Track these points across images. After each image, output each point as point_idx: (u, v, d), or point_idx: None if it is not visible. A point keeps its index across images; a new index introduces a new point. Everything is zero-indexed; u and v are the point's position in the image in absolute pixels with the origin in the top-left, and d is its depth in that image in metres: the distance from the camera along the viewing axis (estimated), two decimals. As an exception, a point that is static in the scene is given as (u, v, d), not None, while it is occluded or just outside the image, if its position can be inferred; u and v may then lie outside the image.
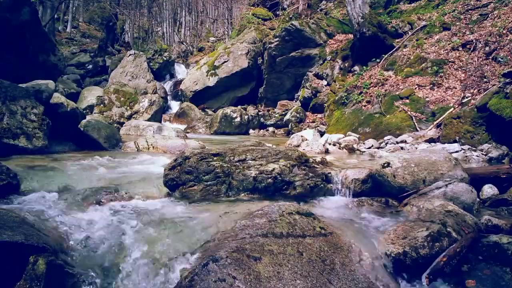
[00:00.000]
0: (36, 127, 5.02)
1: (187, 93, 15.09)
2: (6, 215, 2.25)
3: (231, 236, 2.30)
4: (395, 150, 6.31)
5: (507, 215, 3.18)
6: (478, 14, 10.08)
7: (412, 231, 2.56)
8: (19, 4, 8.21)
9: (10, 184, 3.16)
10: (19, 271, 1.88)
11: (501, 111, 5.79)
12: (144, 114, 12.14)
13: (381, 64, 10.27)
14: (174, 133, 8.29)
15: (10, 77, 5.61)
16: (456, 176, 3.43)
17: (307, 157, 3.98)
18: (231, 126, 11.77)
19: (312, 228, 2.43)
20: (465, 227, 2.65)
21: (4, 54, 8.00)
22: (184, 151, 3.79)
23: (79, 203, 3.07)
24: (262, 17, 19.28)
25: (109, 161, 4.81)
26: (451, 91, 8.09)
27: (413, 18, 11.94)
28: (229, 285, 1.86)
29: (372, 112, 8.67)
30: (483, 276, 2.24)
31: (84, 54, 20.62)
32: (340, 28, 13.96)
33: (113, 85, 13.04)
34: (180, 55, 23.66)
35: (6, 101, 4.88)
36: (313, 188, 3.57)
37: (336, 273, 2.10)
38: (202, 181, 3.45)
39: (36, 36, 8.89)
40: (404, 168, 3.51)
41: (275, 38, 13.61)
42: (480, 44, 8.69)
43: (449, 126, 6.77)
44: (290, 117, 11.89)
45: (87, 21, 30.89)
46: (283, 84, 14.05)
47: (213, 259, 1.98)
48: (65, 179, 3.68)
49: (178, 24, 30.07)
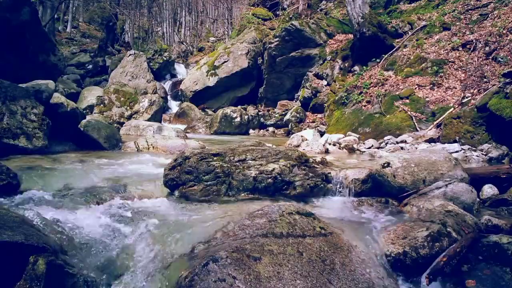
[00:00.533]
0: (36, 127, 5.02)
1: (187, 93, 15.09)
2: (6, 215, 2.25)
3: (231, 236, 2.30)
4: (395, 150, 6.31)
5: (507, 215, 3.18)
6: (478, 14, 10.08)
7: (412, 231, 2.56)
8: (19, 4, 8.21)
9: (10, 184, 3.16)
10: (19, 271, 1.88)
11: (501, 111, 5.80)
12: (144, 114, 12.15)
13: (381, 64, 10.26)
14: (174, 133, 8.29)
15: (10, 77, 5.60)
16: (456, 176, 3.43)
17: (307, 157, 3.98)
18: (231, 126, 11.77)
19: (312, 228, 2.43)
20: (465, 227, 2.65)
21: (4, 54, 8.00)
22: (184, 151, 3.79)
23: (79, 203, 3.08)
24: (262, 17, 19.27)
25: (109, 161, 4.81)
26: (451, 91, 8.10)
27: (413, 18, 11.94)
28: (229, 285, 1.85)
29: (372, 112, 8.67)
30: (483, 276, 2.24)
31: (84, 54, 20.61)
32: (340, 28, 13.96)
33: (113, 85, 13.04)
34: (180, 55, 23.66)
35: (6, 101, 4.88)
36: (313, 188, 3.57)
37: (336, 273, 2.10)
38: (202, 181, 3.45)
39: (36, 36, 8.89)
40: (404, 168, 3.51)
41: (275, 38, 13.60)
42: (480, 44, 8.69)
43: (449, 126, 6.77)
44: (290, 117, 11.89)
45: (87, 21, 30.88)
46: (283, 84, 14.05)
47: (213, 259, 1.98)
48: (65, 179, 3.68)
49: (178, 24, 30.07)
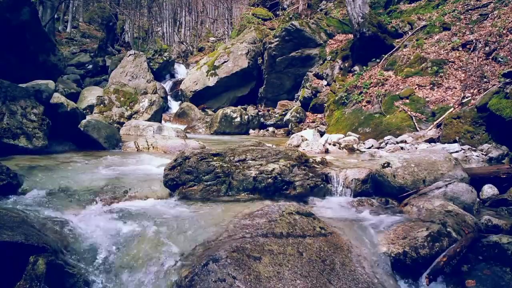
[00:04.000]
0: (36, 127, 5.02)
1: (187, 93, 15.09)
2: (6, 215, 2.25)
3: (231, 236, 2.30)
4: (395, 150, 6.31)
5: (507, 215, 3.18)
6: (478, 14, 10.08)
7: (412, 231, 2.56)
8: (19, 4, 8.20)
9: (10, 184, 3.16)
10: (19, 271, 1.88)
11: (501, 111, 5.79)
12: (144, 114, 12.13)
13: (381, 64, 10.26)
14: (174, 133, 8.29)
15: (10, 77, 5.59)
16: (456, 176, 3.43)
17: (307, 157, 3.98)
18: (231, 126, 11.77)
19: (312, 228, 2.43)
20: (465, 227, 2.65)
21: (4, 54, 7.99)
22: (184, 151, 3.79)
23: (79, 203, 3.08)
24: (262, 17, 19.26)
25: (109, 161, 4.81)
26: (451, 91, 8.09)
27: (413, 18, 11.94)
28: (229, 285, 1.85)
29: (372, 112, 8.67)
30: (483, 276, 2.24)
31: (84, 54, 20.60)
32: (340, 28, 13.96)
33: (113, 85, 13.02)
34: (180, 55, 23.67)
35: (6, 101, 4.87)
36: (313, 188, 3.57)
37: (336, 273, 2.10)
38: (202, 181, 3.45)
39: (36, 36, 8.87)
40: (404, 168, 3.51)
41: (275, 38, 13.60)
42: (480, 44, 8.69)
43: (449, 126, 6.77)
44: (290, 117, 11.88)
45: (87, 21, 30.86)
46: (283, 84, 14.05)
47: (213, 259, 1.98)
48: (65, 179, 3.68)
49: (178, 24, 30.08)
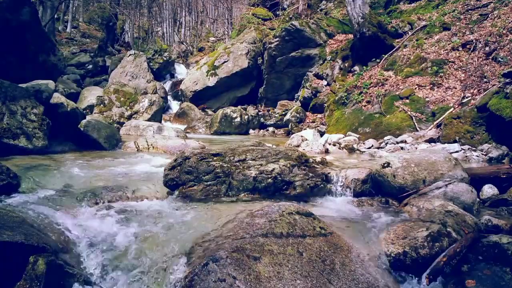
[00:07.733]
0: (36, 127, 5.02)
1: (187, 93, 15.10)
2: (6, 215, 2.25)
3: (231, 236, 2.30)
4: (395, 150, 6.31)
5: (507, 215, 3.18)
6: (478, 14, 10.07)
7: (412, 231, 2.56)
8: (19, 4, 8.20)
9: (10, 184, 3.16)
10: (19, 271, 1.88)
11: (501, 111, 5.79)
12: (144, 114, 12.13)
13: (381, 64, 10.26)
14: (174, 133, 8.29)
15: (10, 77, 5.60)
16: (456, 176, 3.43)
17: (307, 157, 3.98)
18: (231, 126, 11.77)
19: (312, 228, 2.43)
20: (465, 227, 2.65)
21: (4, 54, 7.99)
22: (184, 151, 3.79)
23: (79, 203, 3.08)
24: (262, 17, 19.26)
25: (109, 161, 4.81)
26: (451, 91, 8.09)
27: (413, 18, 11.94)
28: (229, 285, 1.85)
29: (372, 112, 8.67)
30: (483, 276, 2.24)
31: (84, 54, 20.58)
32: (340, 28, 13.95)
33: (113, 85, 13.02)
34: (180, 55, 23.67)
35: (6, 101, 4.87)
36: (313, 188, 3.57)
37: (336, 273, 2.10)
38: (202, 181, 3.45)
39: (36, 36, 8.88)
40: (404, 168, 3.51)
41: (275, 38, 13.60)
42: (480, 44, 8.69)
43: (449, 126, 6.77)
44: (290, 117, 11.88)
45: (87, 21, 30.83)
46: (283, 84, 14.05)
47: (213, 259, 1.98)
48: (65, 179, 3.68)
49: (178, 24, 30.07)
